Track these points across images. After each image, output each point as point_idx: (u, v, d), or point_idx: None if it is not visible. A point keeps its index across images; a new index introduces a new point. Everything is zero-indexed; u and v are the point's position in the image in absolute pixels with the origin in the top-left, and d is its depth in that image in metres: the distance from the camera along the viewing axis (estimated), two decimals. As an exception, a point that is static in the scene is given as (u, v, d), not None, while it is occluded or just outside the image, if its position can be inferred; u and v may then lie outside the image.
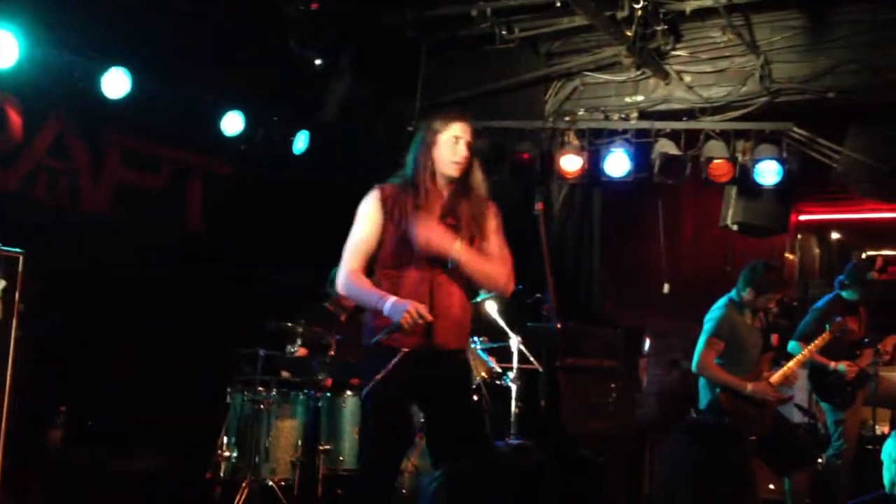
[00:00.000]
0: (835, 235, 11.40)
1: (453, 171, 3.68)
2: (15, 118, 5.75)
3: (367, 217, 3.62)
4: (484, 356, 5.54)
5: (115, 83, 5.88)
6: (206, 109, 6.65)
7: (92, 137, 6.28)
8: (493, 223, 3.79)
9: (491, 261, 3.69)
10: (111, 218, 6.38)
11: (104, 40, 5.84)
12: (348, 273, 3.61)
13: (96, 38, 5.80)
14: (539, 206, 3.94)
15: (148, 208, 6.62)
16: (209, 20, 6.36)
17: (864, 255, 10.57)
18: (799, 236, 11.31)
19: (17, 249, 4.17)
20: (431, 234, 3.53)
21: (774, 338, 6.77)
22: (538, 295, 4.82)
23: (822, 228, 11.42)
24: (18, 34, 5.27)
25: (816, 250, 11.57)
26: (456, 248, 3.55)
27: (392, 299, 3.46)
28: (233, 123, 6.77)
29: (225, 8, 6.41)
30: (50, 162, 6.02)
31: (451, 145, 3.70)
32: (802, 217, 11.19)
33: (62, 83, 5.74)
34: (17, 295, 4.10)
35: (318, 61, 7.02)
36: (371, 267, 3.69)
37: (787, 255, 11.04)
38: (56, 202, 6.06)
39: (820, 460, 6.26)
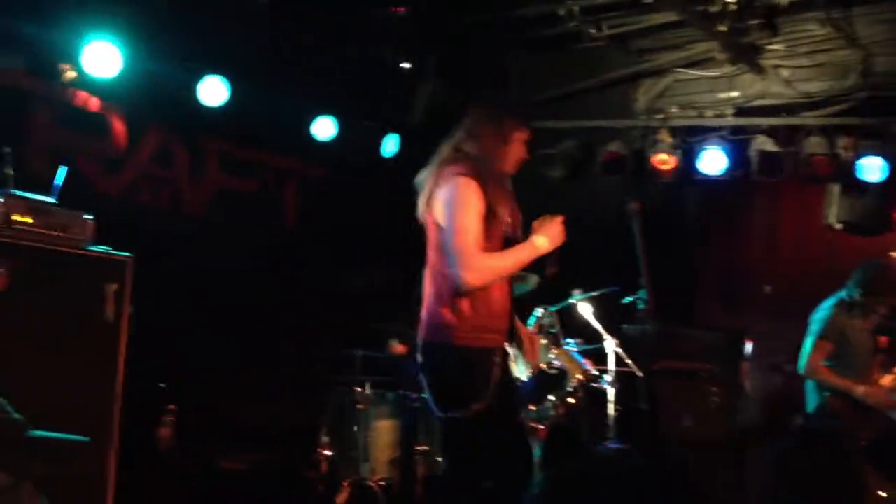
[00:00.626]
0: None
1: (514, 170, 3.72)
2: (119, 127, 5.94)
3: (475, 204, 3.46)
4: (579, 358, 5.48)
5: (214, 91, 6.03)
6: (300, 115, 6.77)
7: (192, 144, 6.46)
8: None
9: None
10: (211, 222, 6.54)
11: (202, 50, 6.00)
12: (479, 260, 3.42)
13: (195, 48, 5.96)
14: (635, 205, 3.85)
15: (245, 212, 6.78)
16: (301, 28, 6.48)
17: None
18: (902, 234, 10.88)
19: (126, 253, 4.29)
20: (554, 234, 3.62)
21: (883, 340, 6.52)
22: (634, 296, 4.73)
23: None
24: (121, 46, 5.44)
25: (921, 249, 11.11)
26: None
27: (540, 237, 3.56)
28: (325, 128, 6.88)
29: (315, 15, 6.51)
30: (153, 169, 6.20)
31: (522, 147, 3.71)
32: (905, 214, 10.77)
33: (163, 92, 5.91)
34: (126, 297, 4.22)
35: (405, 65, 7.07)
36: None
37: (892, 253, 10.63)
38: (159, 207, 6.23)
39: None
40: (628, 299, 4.83)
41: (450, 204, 3.46)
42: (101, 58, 5.43)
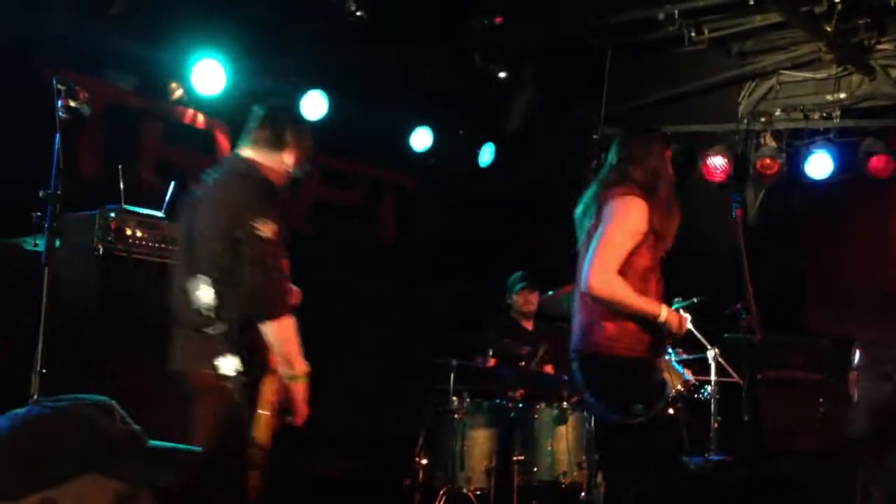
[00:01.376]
0: None
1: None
2: (223, 142, 6.14)
3: (638, 224, 3.61)
4: (679, 368, 5.37)
5: (314, 105, 6.17)
6: (397, 126, 6.86)
7: (293, 158, 6.59)
8: None
9: None
10: (308, 233, 6.68)
11: (302, 65, 6.14)
12: (612, 276, 3.55)
13: (295, 63, 6.11)
14: (738, 212, 3.78)
15: (343, 223, 6.90)
16: (397, 40, 6.56)
17: None
18: None
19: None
20: (679, 323, 3.72)
21: None
22: (737, 305, 4.62)
23: None
24: (225, 63, 5.62)
25: None
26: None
27: (666, 308, 3.60)
28: (422, 139, 6.95)
29: (411, 26, 6.59)
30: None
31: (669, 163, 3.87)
32: None
33: (265, 108, 6.06)
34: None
35: (502, 74, 7.08)
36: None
37: None
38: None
39: None
40: (731, 308, 4.71)
41: (612, 217, 3.62)
42: (208, 76, 5.62)
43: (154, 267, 4.17)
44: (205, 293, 3.31)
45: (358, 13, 5.97)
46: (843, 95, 7.01)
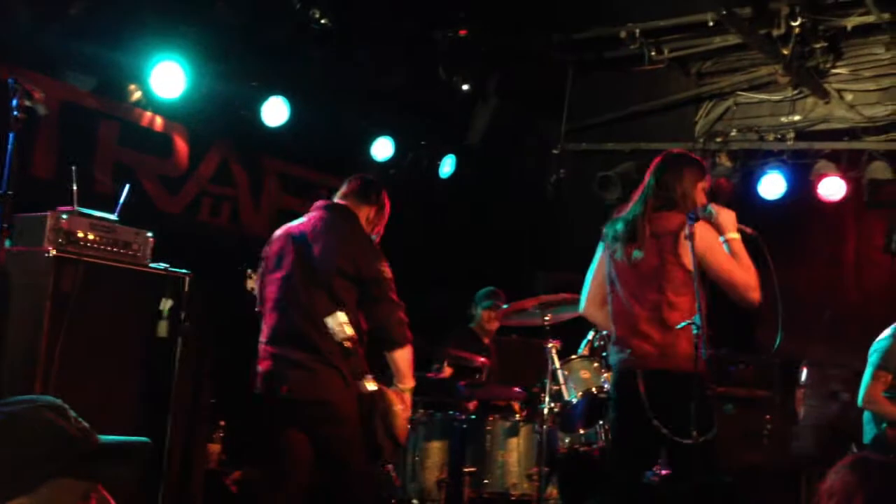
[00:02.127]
0: None
1: None
2: (182, 146, 6.10)
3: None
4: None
5: (275, 111, 6.16)
6: (358, 135, 6.87)
7: (252, 164, 6.60)
8: None
9: None
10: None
11: (264, 70, 6.13)
12: (755, 280, 4.09)
13: (257, 68, 6.10)
14: (690, 229, 3.84)
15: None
16: (361, 49, 6.57)
17: None
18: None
19: (184, 271, 4.40)
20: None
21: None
22: (688, 322, 4.66)
23: None
24: (185, 66, 5.59)
25: None
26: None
27: None
28: (383, 149, 6.96)
29: (375, 36, 6.61)
30: (213, 188, 6.35)
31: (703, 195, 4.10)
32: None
33: (225, 112, 6.06)
34: (182, 314, 4.32)
35: (465, 86, 7.12)
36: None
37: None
38: (218, 225, 6.37)
39: None
40: (682, 325, 4.76)
41: (710, 249, 3.93)
42: (167, 78, 5.58)
43: (105, 270, 4.13)
44: (345, 327, 3.90)
45: (322, 21, 5.98)
46: (797, 118, 7.14)
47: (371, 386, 3.99)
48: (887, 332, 5.34)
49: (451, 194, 7.51)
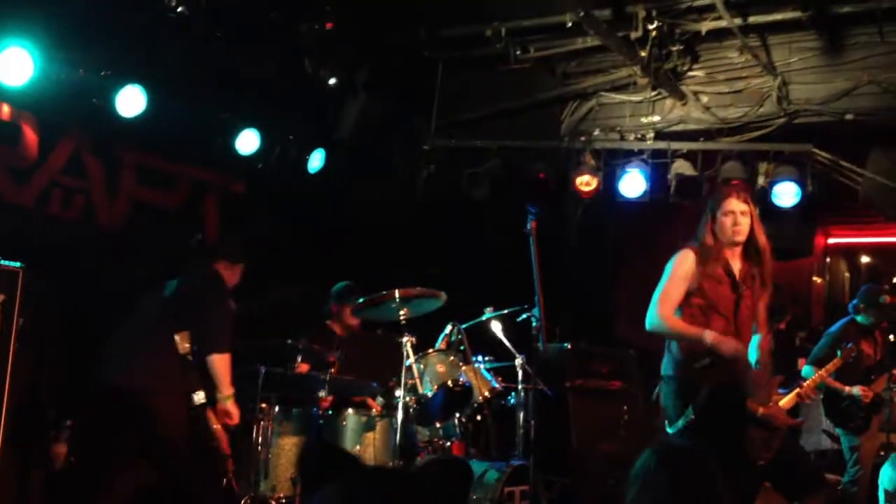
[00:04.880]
0: (865, 259, 11.18)
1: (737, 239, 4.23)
2: (30, 135, 5.86)
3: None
4: (488, 376, 5.50)
5: (130, 101, 5.95)
6: (221, 128, 6.71)
7: (107, 155, 6.38)
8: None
9: None
10: (127, 234, 6.45)
11: (119, 58, 5.92)
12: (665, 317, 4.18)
13: (111, 56, 5.88)
14: (532, 224, 3.91)
15: (164, 225, 6.70)
16: (223, 39, 6.43)
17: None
18: (828, 260, 11.12)
19: (17, 264, 4.23)
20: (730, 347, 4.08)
21: (801, 362, 6.64)
22: (527, 314, 4.76)
23: (851, 252, 11.22)
24: (33, 51, 5.34)
25: (846, 274, 11.36)
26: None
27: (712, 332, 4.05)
28: (248, 142, 6.82)
29: (241, 28, 6.49)
30: (64, 179, 6.12)
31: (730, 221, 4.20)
32: (832, 240, 11.00)
33: (77, 101, 5.82)
34: (16, 309, 4.14)
35: (332, 80, 7.05)
36: None
37: (815, 278, 10.84)
38: (70, 219, 6.14)
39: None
40: (523, 317, 4.85)
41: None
42: (13, 65, 5.33)
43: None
44: None
45: (179, 9, 5.82)
46: (656, 118, 7.37)
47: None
48: None
49: (319, 189, 7.43)
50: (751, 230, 4.20)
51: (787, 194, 6.84)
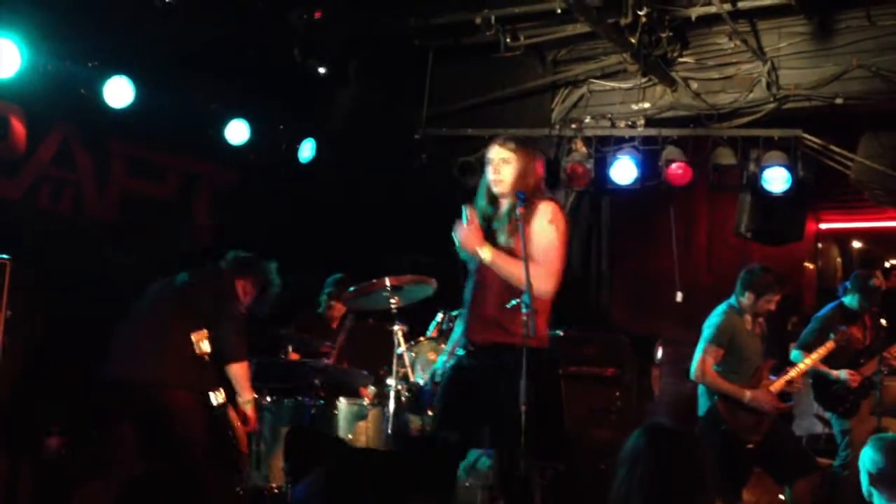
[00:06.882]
0: (856, 244, 11.21)
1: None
2: (18, 127, 5.84)
3: None
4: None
5: (119, 92, 5.95)
6: (211, 118, 6.70)
7: (96, 146, 6.36)
8: (534, 226, 4.03)
9: (517, 262, 3.90)
10: (118, 226, 6.44)
11: (107, 50, 5.91)
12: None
13: (99, 47, 5.88)
14: (520, 210, 3.91)
15: (155, 216, 6.69)
16: (213, 29, 6.42)
17: (888, 265, 10.36)
18: (820, 245, 11.15)
19: (4, 256, 4.21)
20: (463, 235, 3.99)
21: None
22: (517, 300, 4.74)
23: (843, 237, 11.25)
24: (20, 43, 5.34)
25: (838, 259, 11.39)
26: (482, 250, 3.95)
27: None
28: (238, 132, 6.81)
29: (229, 17, 6.46)
30: (54, 171, 6.10)
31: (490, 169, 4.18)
32: (823, 225, 11.04)
33: (65, 93, 5.81)
34: (3, 301, 4.13)
35: (322, 70, 7.04)
36: None
37: (806, 263, 10.88)
38: (60, 211, 6.13)
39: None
40: (513, 303, 4.83)
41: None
42: (1, 56, 5.32)
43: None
44: None
45: (166, 0, 5.80)
46: (646, 105, 7.35)
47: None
48: (720, 308, 5.58)
49: (311, 179, 7.43)
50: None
51: (777, 180, 6.84)
